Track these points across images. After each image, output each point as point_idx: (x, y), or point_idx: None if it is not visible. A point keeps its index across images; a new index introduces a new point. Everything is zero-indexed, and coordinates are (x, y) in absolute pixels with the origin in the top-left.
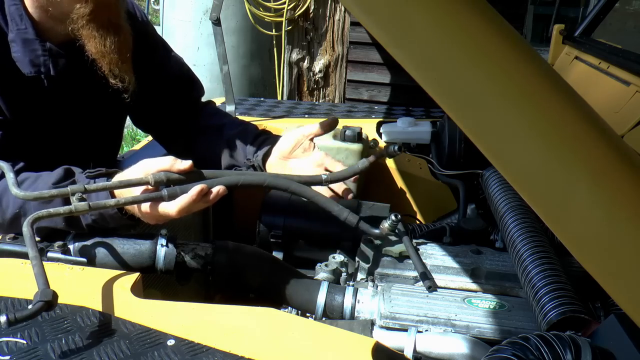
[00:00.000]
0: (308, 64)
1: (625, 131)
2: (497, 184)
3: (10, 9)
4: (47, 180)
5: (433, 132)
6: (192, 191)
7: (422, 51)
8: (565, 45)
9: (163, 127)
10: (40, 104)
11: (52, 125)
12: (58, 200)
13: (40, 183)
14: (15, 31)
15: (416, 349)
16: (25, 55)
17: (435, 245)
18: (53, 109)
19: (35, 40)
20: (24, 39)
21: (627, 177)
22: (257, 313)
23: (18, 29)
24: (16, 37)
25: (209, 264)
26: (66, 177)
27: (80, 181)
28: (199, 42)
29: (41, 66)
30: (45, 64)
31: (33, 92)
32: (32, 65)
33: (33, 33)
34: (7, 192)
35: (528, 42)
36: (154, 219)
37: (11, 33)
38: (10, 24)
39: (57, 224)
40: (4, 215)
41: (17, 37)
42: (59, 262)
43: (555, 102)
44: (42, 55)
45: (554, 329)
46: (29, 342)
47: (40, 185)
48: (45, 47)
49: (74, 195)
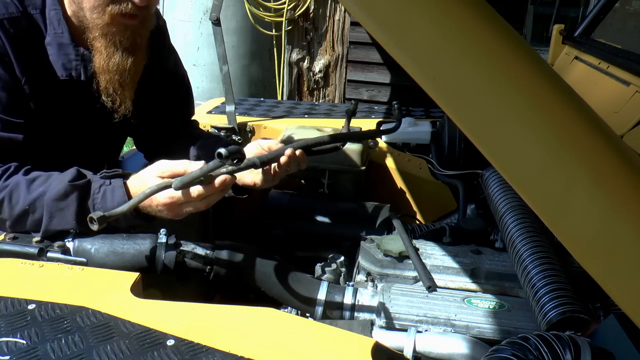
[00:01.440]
0: (308, 64)
1: (625, 131)
2: (497, 184)
3: (50, 13)
4: (63, 178)
5: (433, 132)
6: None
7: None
8: (565, 45)
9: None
10: (67, 107)
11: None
12: (73, 197)
13: (54, 182)
14: (52, 35)
15: (416, 349)
16: (59, 59)
17: (435, 245)
18: (74, 112)
19: (70, 44)
20: (60, 42)
21: (627, 178)
22: (257, 313)
23: (55, 33)
24: (53, 40)
25: (209, 264)
26: (79, 176)
27: (94, 181)
28: (199, 42)
29: (73, 70)
30: (77, 69)
31: (64, 95)
32: (65, 69)
33: (69, 38)
34: (18, 188)
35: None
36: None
37: (48, 37)
38: (48, 28)
39: (68, 223)
40: (12, 211)
41: (54, 41)
42: (59, 262)
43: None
44: (74, 60)
45: (553, 329)
46: (28, 342)
47: (55, 183)
48: (78, 52)
49: None
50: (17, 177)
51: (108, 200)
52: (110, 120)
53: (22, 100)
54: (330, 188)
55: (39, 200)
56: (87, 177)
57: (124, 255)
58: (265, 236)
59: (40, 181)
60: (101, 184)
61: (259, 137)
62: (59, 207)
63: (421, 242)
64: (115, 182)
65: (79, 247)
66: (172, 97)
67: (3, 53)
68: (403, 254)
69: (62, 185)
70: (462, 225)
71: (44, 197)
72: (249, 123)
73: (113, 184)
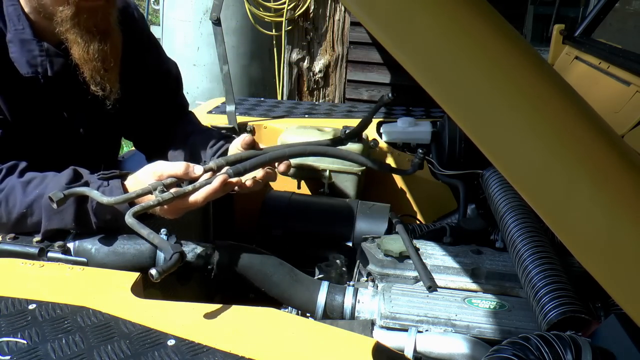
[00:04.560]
0: (308, 64)
1: (626, 131)
2: (497, 184)
3: (9, 9)
4: (59, 180)
5: (433, 132)
6: (215, 182)
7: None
8: (565, 45)
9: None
10: (39, 104)
11: (51, 125)
12: (71, 199)
13: (50, 183)
14: (13, 31)
15: (416, 349)
16: (23, 56)
17: (435, 245)
18: (52, 109)
19: (33, 40)
20: (22, 39)
21: (627, 177)
22: (257, 313)
23: (16, 29)
24: (14, 37)
25: (209, 264)
26: (76, 178)
27: (91, 182)
28: (199, 42)
29: (38, 66)
30: (42, 64)
31: (31, 93)
32: (30, 66)
33: (30, 33)
34: (14, 191)
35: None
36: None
37: (9, 33)
38: (8, 24)
39: (67, 224)
40: (9, 215)
41: (15, 37)
42: (60, 262)
43: (556, 102)
44: (39, 56)
45: (554, 329)
46: (29, 342)
47: (51, 185)
48: (42, 47)
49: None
50: (11, 179)
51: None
52: (101, 112)
53: None
54: (330, 188)
55: (36, 203)
56: (83, 178)
57: (124, 255)
58: (265, 236)
59: (36, 183)
60: (99, 185)
61: (259, 137)
62: (57, 211)
63: (421, 242)
64: (113, 183)
65: (79, 247)
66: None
67: None
68: (403, 254)
69: (59, 188)
70: (463, 225)
71: (41, 200)
72: (249, 123)
73: (111, 184)
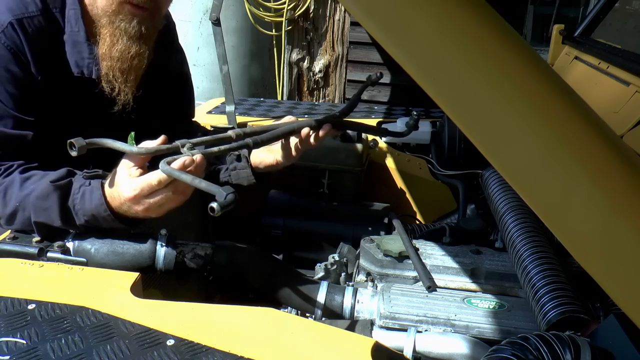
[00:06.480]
0: (308, 64)
1: (625, 131)
2: (497, 184)
3: (70, 12)
4: (49, 177)
5: (433, 132)
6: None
7: (422, 52)
8: (565, 45)
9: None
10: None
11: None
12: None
13: (42, 180)
14: (69, 32)
15: (416, 348)
16: (73, 56)
17: (435, 245)
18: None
19: (85, 43)
20: (75, 40)
21: (626, 177)
22: (257, 313)
23: (72, 31)
24: (68, 37)
25: (209, 264)
26: (67, 175)
27: (76, 181)
28: (199, 42)
29: (84, 68)
30: (88, 67)
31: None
32: (77, 66)
33: (84, 36)
34: (13, 185)
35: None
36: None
37: (66, 34)
38: (66, 25)
39: (53, 220)
40: (5, 208)
41: (69, 38)
42: (59, 262)
43: (555, 103)
44: (87, 58)
45: (553, 329)
46: (28, 342)
47: (42, 182)
48: (92, 51)
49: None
50: (14, 175)
51: (86, 201)
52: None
53: (35, 98)
54: (330, 188)
55: (27, 199)
56: (73, 177)
57: (124, 255)
58: (265, 236)
59: (34, 180)
60: (81, 184)
61: None
62: (43, 207)
63: (421, 242)
64: (94, 184)
65: (78, 247)
66: (175, 96)
67: (19, 52)
68: (403, 254)
69: (45, 184)
70: (462, 225)
71: (31, 195)
72: (249, 123)
73: (92, 184)
